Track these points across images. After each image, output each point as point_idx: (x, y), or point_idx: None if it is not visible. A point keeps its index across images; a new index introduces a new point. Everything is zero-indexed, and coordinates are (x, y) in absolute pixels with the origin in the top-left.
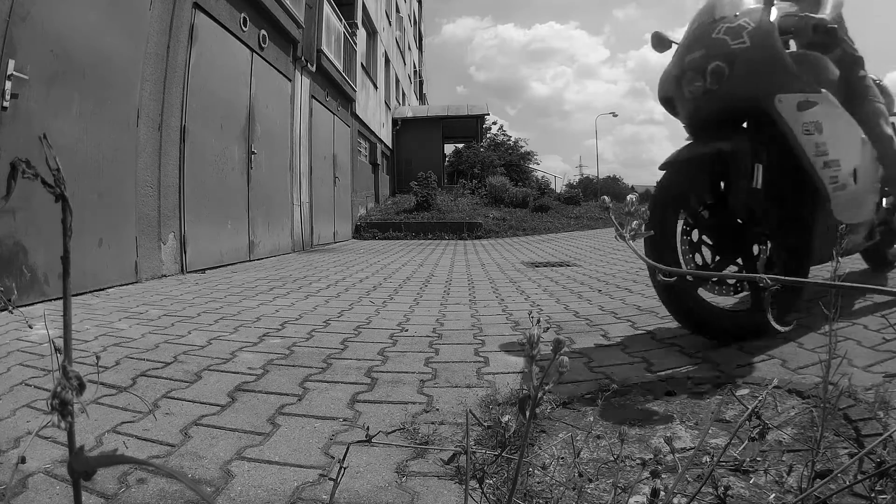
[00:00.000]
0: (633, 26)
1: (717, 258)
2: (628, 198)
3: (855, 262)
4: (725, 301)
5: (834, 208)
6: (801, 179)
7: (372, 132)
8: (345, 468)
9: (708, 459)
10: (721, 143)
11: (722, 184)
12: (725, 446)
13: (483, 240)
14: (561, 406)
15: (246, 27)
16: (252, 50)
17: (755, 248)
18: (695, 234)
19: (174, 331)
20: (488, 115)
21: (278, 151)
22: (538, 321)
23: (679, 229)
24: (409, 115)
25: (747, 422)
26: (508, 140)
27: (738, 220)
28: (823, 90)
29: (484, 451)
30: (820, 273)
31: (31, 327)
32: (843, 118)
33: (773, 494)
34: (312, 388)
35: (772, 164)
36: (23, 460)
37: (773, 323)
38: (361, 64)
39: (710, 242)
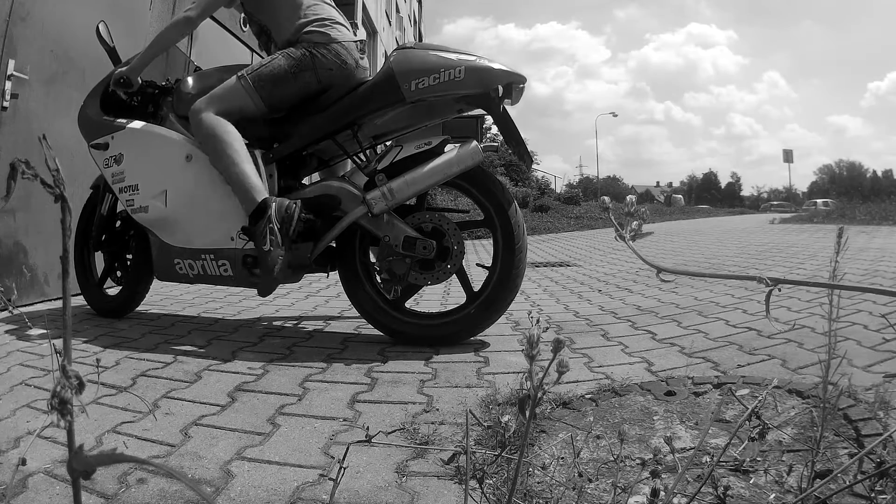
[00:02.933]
0: (634, 26)
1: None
2: (627, 198)
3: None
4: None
5: (152, 229)
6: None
7: None
8: (345, 468)
9: (708, 459)
10: (98, 177)
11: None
12: (725, 446)
13: (483, 240)
14: (561, 406)
15: (246, 27)
16: (252, 50)
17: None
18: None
19: (174, 331)
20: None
21: None
22: (538, 321)
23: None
24: None
25: (747, 422)
26: None
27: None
28: (130, 126)
29: (484, 451)
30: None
31: (31, 327)
32: (151, 146)
33: (773, 494)
34: (312, 388)
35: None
36: (23, 462)
37: (771, 320)
38: None
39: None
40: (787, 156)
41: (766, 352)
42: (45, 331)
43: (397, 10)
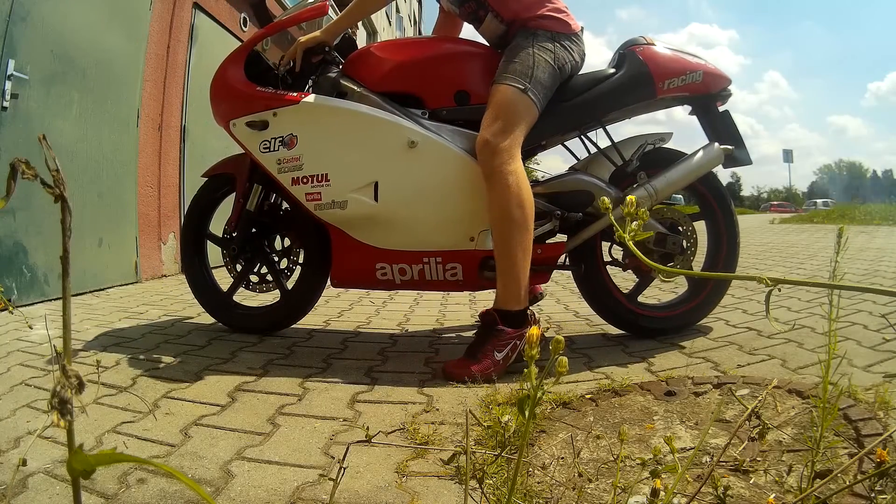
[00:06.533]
0: (636, 26)
1: (244, 262)
2: (627, 198)
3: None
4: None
5: (345, 229)
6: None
7: None
8: (345, 468)
9: (708, 459)
10: (226, 164)
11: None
12: (725, 446)
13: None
14: (561, 406)
15: (246, 27)
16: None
17: (283, 260)
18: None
19: (174, 331)
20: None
21: None
22: (538, 321)
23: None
24: None
25: (747, 422)
26: None
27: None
28: (307, 100)
29: (484, 451)
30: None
31: (31, 327)
32: (350, 127)
33: (773, 494)
34: (312, 388)
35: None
36: (23, 462)
37: (771, 320)
38: None
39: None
40: (787, 156)
41: (766, 352)
42: (44, 331)
43: (397, 11)
